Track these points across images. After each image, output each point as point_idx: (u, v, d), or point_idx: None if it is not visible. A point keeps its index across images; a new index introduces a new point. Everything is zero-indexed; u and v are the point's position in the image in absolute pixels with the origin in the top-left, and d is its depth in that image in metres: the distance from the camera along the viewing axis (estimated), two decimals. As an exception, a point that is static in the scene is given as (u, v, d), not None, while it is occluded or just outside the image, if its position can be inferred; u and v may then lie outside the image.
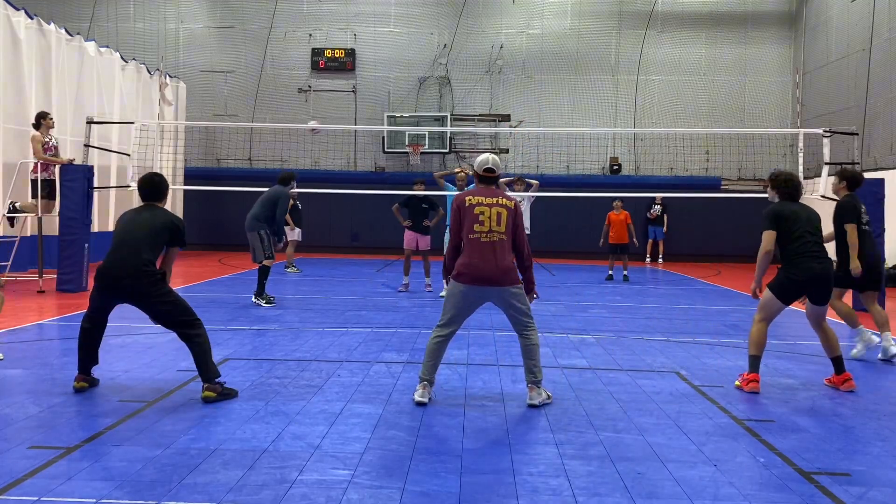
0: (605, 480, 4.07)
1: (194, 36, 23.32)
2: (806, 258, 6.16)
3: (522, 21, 23.05)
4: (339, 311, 10.32)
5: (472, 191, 5.82)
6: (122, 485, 3.82)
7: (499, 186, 6.38)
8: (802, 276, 6.12)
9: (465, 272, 5.65)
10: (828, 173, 12.96)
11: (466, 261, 5.65)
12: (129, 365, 6.63)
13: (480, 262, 5.60)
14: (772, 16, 22.87)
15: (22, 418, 4.94)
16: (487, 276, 5.60)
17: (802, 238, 6.20)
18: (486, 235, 5.62)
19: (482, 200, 5.68)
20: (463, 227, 5.69)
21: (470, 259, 5.63)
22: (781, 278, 6.23)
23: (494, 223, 5.63)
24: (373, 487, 3.89)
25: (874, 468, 4.36)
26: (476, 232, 5.63)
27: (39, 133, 12.21)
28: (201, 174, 21.65)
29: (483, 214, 5.63)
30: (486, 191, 5.78)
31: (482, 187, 5.83)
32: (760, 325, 6.30)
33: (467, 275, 5.64)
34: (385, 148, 22.44)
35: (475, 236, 5.63)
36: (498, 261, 5.60)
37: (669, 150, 21.55)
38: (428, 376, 5.68)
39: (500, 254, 5.61)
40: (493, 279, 5.61)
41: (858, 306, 11.57)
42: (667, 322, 10.11)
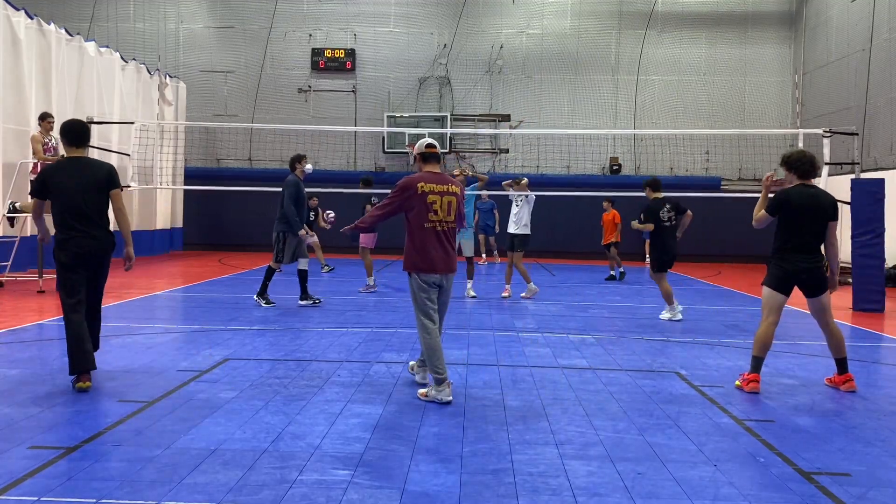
0: (605, 480, 4.07)
1: (194, 36, 23.32)
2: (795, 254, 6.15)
3: (522, 21, 23.06)
4: (339, 311, 10.32)
5: (422, 176, 5.70)
6: (122, 485, 3.82)
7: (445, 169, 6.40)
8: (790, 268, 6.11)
9: (428, 265, 5.65)
10: (828, 173, 12.97)
11: (427, 254, 5.63)
12: (129, 365, 6.63)
13: (439, 252, 5.66)
14: (772, 16, 22.88)
15: (22, 418, 4.94)
16: (449, 264, 5.74)
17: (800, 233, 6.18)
18: (439, 225, 5.66)
19: (434, 188, 5.63)
20: (410, 212, 5.64)
21: (428, 251, 5.63)
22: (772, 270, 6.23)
23: (445, 213, 5.65)
24: (373, 487, 3.89)
25: (874, 468, 4.36)
26: (431, 221, 5.62)
27: (39, 133, 12.22)
28: (201, 174, 21.66)
29: (435, 203, 5.61)
30: (436, 176, 5.73)
31: (429, 171, 5.75)
32: (767, 325, 6.20)
33: (433, 266, 5.65)
34: (385, 148, 22.45)
35: (430, 226, 5.63)
36: (449, 248, 5.75)
37: (669, 150, 21.58)
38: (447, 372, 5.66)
39: (450, 241, 5.75)
40: (451, 267, 5.78)
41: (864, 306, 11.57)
42: (667, 322, 10.11)
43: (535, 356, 7.47)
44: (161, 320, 9.74)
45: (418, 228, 5.63)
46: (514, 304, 11.56)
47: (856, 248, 11.82)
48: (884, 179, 12.12)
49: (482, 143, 23.26)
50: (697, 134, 21.03)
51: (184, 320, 9.77)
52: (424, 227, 5.62)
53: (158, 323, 9.33)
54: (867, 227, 11.73)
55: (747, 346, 8.22)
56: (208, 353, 7.24)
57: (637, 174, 22.76)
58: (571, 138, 21.61)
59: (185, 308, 10.99)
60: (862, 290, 11.69)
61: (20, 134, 13.57)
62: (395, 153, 22.53)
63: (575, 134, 21.37)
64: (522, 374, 6.63)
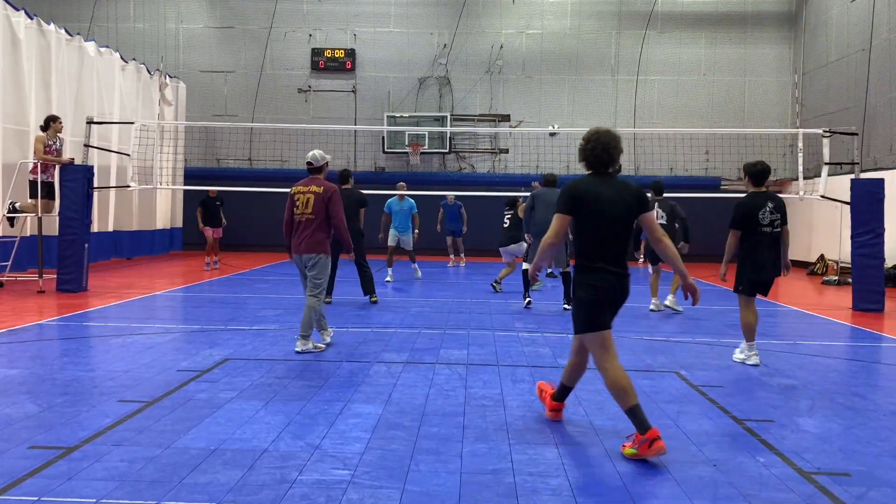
0: (605, 480, 4.07)
1: (194, 36, 23.32)
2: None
3: (522, 21, 23.05)
4: (340, 311, 10.32)
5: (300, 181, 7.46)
6: (122, 485, 3.82)
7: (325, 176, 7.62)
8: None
9: (292, 245, 7.41)
10: (827, 173, 12.97)
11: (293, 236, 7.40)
12: (129, 365, 6.63)
13: (298, 237, 7.34)
14: (772, 16, 22.88)
15: (22, 418, 4.94)
16: (302, 247, 7.32)
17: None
18: (300, 216, 7.35)
19: (300, 189, 7.39)
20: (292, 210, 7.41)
21: (294, 235, 7.40)
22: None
23: (304, 206, 7.32)
24: (373, 487, 3.89)
25: (874, 468, 4.36)
26: (297, 214, 7.36)
27: (46, 135, 12.22)
28: (201, 174, 21.66)
29: (299, 200, 7.36)
30: (307, 180, 7.45)
31: (306, 179, 7.47)
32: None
33: (294, 247, 7.39)
34: (385, 148, 22.45)
35: (297, 217, 7.36)
36: (307, 235, 7.28)
37: (669, 150, 21.58)
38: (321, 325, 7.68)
39: (308, 229, 7.29)
40: (305, 249, 7.30)
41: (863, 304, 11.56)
42: (667, 322, 10.11)
43: (535, 356, 7.47)
44: (161, 320, 9.74)
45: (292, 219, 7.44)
46: (513, 303, 11.55)
47: (856, 248, 11.81)
48: (883, 179, 12.11)
49: (482, 143, 23.26)
50: (697, 134, 21.03)
51: (184, 320, 9.77)
52: (294, 219, 7.40)
53: (158, 323, 9.33)
54: (867, 227, 11.72)
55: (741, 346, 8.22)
56: (208, 353, 7.24)
57: (637, 174, 22.76)
58: (572, 138, 21.61)
59: (185, 308, 10.99)
60: (862, 290, 11.69)
61: (20, 134, 13.57)
62: (395, 153, 22.53)
63: (575, 134, 21.34)
64: (522, 374, 6.63)
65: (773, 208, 7.12)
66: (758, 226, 7.07)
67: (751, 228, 7.08)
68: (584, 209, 4.58)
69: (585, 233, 4.62)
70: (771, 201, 7.13)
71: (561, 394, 5.19)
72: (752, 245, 7.09)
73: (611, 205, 4.58)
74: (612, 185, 4.66)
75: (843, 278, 16.07)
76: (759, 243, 7.06)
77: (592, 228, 4.60)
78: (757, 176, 7.23)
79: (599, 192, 4.60)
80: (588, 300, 4.62)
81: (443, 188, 18.90)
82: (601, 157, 4.69)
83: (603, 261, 4.59)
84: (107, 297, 11.47)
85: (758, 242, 7.06)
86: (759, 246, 7.05)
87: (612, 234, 4.59)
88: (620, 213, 4.59)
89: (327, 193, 7.29)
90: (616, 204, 4.59)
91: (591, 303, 4.61)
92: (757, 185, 7.25)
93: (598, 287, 4.59)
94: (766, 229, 7.07)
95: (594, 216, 4.57)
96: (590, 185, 4.66)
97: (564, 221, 4.65)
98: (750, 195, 7.21)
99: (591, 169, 4.76)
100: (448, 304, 11.49)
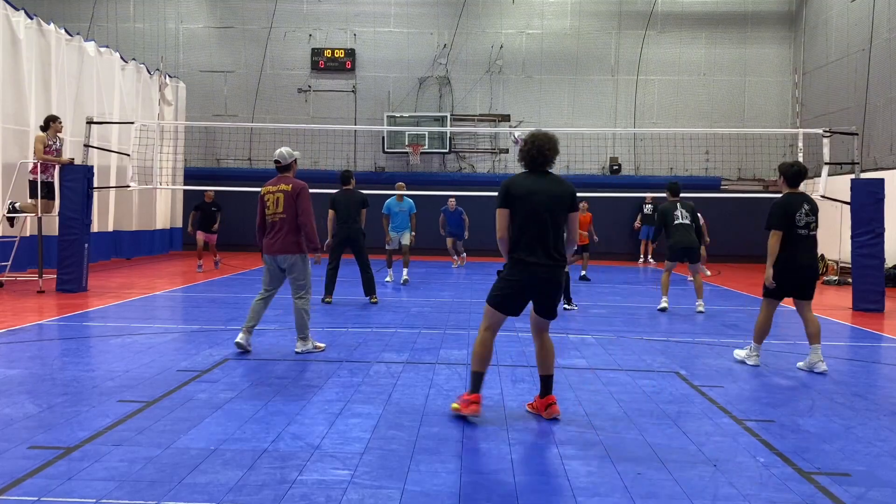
0: (605, 480, 4.07)
1: (194, 36, 23.32)
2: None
3: (522, 21, 23.05)
4: (340, 311, 10.32)
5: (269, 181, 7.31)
6: (122, 485, 3.82)
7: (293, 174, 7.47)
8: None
9: (265, 246, 7.25)
10: (828, 173, 12.97)
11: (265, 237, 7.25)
12: (129, 365, 6.63)
13: (271, 237, 7.18)
14: (772, 16, 22.88)
15: (22, 418, 4.94)
16: (276, 248, 7.16)
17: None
18: (272, 217, 7.19)
19: (269, 189, 7.26)
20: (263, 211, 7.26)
21: (266, 236, 7.24)
22: None
23: (274, 206, 7.18)
24: (373, 487, 3.89)
25: (874, 468, 4.36)
26: (268, 215, 7.22)
27: (45, 135, 12.22)
28: (201, 174, 21.66)
29: (269, 200, 7.22)
30: (275, 180, 7.30)
31: (274, 178, 7.33)
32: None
33: (266, 248, 7.23)
34: (385, 148, 22.44)
35: (268, 218, 7.22)
36: (281, 235, 7.13)
37: (669, 150, 21.57)
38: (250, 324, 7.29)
39: (282, 230, 7.13)
40: (279, 249, 7.15)
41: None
42: (667, 322, 10.11)
43: (535, 356, 7.46)
44: (161, 320, 9.74)
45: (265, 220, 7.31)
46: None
47: (855, 248, 11.81)
48: (883, 179, 12.12)
49: (482, 143, 23.26)
50: (697, 134, 21.03)
51: (184, 320, 9.76)
52: (266, 220, 7.27)
53: (158, 323, 9.33)
54: (867, 227, 11.73)
55: (748, 345, 8.22)
56: (208, 353, 7.24)
57: (637, 174, 22.77)
58: (571, 138, 21.61)
59: (185, 308, 10.99)
60: (862, 290, 11.69)
61: (20, 134, 13.57)
62: (395, 153, 22.53)
63: (574, 134, 21.37)
64: (522, 374, 6.62)
65: (809, 210, 6.88)
66: (794, 227, 6.84)
67: (788, 229, 6.85)
68: (517, 203, 5.01)
69: (515, 224, 5.04)
70: (807, 203, 6.89)
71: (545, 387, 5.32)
72: (786, 246, 6.87)
73: (541, 200, 4.99)
74: (546, 182, 5.09)
75: (843, 278, 16.07)
76: (795, 245, 6.85)
77: (521, 220, 5.01)
78: (793, 177, 7.02)
79: (532, 188, 5.03)
80: (502, 286, 5.14)
81: (443, 188, 18.89)
82: (537, 158, 5.14)
83: (525, 251, 5.01)
84: (107, 297, 11.47)
85: (794, 244, 6.85)
86: (795, 248, 6.84)
87: (540, 226, 4.98)
88: (550, 208, 5.00)
89: (296, 190, 7.18)
90: (547, 199, 5.00)
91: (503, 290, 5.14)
92: (792, 187, 7.04)
93: (511, 281, 5.08)
94: (802, 231, 6.86)
95: (525, 210, 4.99)
96: (524, 181, 5.10)
97: (504, 215, 5.07)
98: (786, 195, 6.99)
99: (528, 168, 5.20)
100: (448, 304, 11.49)
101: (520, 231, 5.01)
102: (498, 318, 5.22)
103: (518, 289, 5.08)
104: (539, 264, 4.98)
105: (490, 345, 5.23)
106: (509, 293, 5.11)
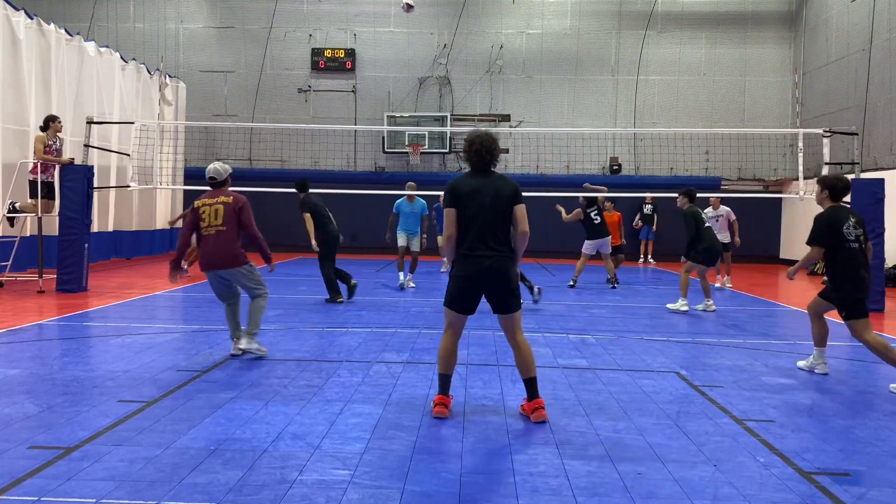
0: (605, 480, 4.07)
1: (194, 36, 23.32)
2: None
3: (522, 21, 23.06)
4: (339, 311, 10.32)
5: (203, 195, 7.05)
6: (122, 485, 3.82)
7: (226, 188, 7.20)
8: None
9: (203, 262, 6.94)
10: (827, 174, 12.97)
11: (201, 252, 6.94)
12: (129, 365, 6.63)
13: (209, 251, 6.85)
14: (772, 16, 22.88)
15: (22, 418, 4.94)
16: (217, 263, 6.88)
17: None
18: (208, 229, 6.88)
19: (206, 202, 6.96)
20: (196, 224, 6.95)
21: (203, 250, 6.92)
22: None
23: (213, 217, 6.88)
24: (373, 487, 3.89)
25: (874, 468, 4.36)
26: (204, 227, 6.89)
27: (46, 135, 12.22)
28: (201, 174, 21.56)
29: (206, 212, 6.91)
30: (212, 193, 7.07)
31: (210, 192, 7.09)
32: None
33: (205, 263, 6.92)
34: (385, 148, 22.45)
35: (204, 231, 6.90)
36: (219, 248, 6.84)
37: (669, 150, 21.58)
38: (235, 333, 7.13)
39: (219, 242, 6.84)
40: (220, 265, 6.87)
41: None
42: (667, 322, 10.11)
43: (535, 356, 7.45)
44: (161, 320, 9.74)
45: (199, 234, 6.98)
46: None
47: (856, 248, 11.80)
48: (884, 179, 12.11)
49: (482, 143, 23.24)
50: (697, 134, 21.03)
51: (184, 320, 9.76)
52: (200, 234, 6.94)
53: (158, 323, 9.33)
54: (867, 227, 11.71)
55: (747, 345, 8.24)
56: (208, 353, 7.24)
57: (637, 174, 22.77)
58: (571, 138, 21.62)
59: (185, 308, 10.99)
60: (862, 290, 11.67)
61: (20, 134, 13.57)
62: (395, 153, 22.53)
63: (575, 134, 21.38)
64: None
65: (856, 223, 6.50)
66: (845, 241, 6.42)
67: (840, 244, 6.43)
68: (463, 201, 5.13)
69: (462, 222, 5.15)
70: (852, 216, 6.54)
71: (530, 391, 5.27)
72: (845, 261, 6.42)
73: (486, 196, 5.11)
74: (490, 180, 5.19)
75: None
76: (853, 259, 6.41)
77: (468, 218, 5.13)
78: (841, 192, 6.66)
79: (476, 186, 5.15)
80: (452, 284, 5.25)
81: (443, 188, 18.87)
82: (484, 158, 5.22)
83: (469, 247, 5.13)
84: (107, 297, 11.47)
85: (852, 258, 6.42)
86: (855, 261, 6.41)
87: (486, 221, 5.10)
88: (495, 203, 5.11)
89: (238, 203, 6.94)
90: (492, 195, 5.12)
91: (453, 288, 5.23)
92: (835, 201, 6.65)
93: (459, 276, 5.19)
94: (854, 245, 6.45)
95: (471, 207, 5.11)
96: (470, 180, 5.21)
97: (452, 215, 5.18)
98: (829, 209, 6.60)
99: (473, 168, 5.28)
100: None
101: (466, 228, 5.13)
102: (454, 318, 5.28)
103: (466, 283, 5.17)
104: (483, 256, 5.10)
105: (452, 347, 5.29)
106: (460, 288, 5.19)
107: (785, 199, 21.41)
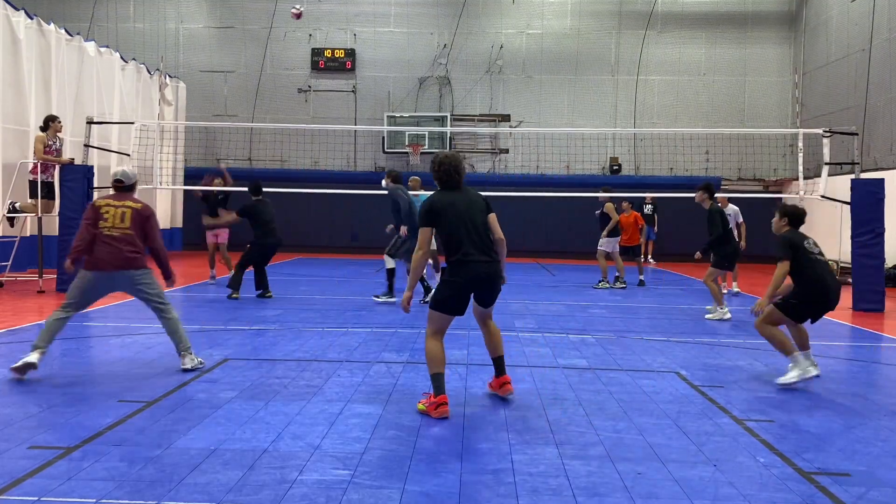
0: (605, 480, 4.07)
1: (194, 36, 23.32)
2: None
3: (522, 21, 23.06)
4: (339, 311, 10.32)
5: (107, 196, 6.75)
6: (122, 485, 3.82)
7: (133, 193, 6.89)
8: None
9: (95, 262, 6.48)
10: (828, 173, 12.97)
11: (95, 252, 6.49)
12: (129, 365, 6.63)
13: (106, 252, 6.46)
14: (772, 16, 22.88)
15: (22, 418, 4.94)
16: (120, 262, 6.48)
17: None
18: (111, 230, 6.50)
19: (111, 203, 6.62)
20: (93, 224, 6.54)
21: (99, 249, 6.48)
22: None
23: (118, 220, 6.54)
24: (373, 487, 3.89)
25: (874, 468, 4.36)
26: (105, 227, 6.52)
27: (46, 135, 12.22)
28: (201, 174, 21.61)
29: (109, 213, 6.55)
30: (118, 195, 6.74)
31: (115, 193, 6.78)
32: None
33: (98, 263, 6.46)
34: (385, 148, 22.45)
35: (106, 231, 6.51)
36: (120, 250, 6.48)
37: (669, 150, 21.57)
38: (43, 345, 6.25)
39: (121, 244, 6.48)
40: (123, 265, 6.50)
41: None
42: (667, 322, 10.11)
43: (535, 356, 7.47)
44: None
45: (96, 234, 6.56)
46: (513, 304, 11.55)
47: (856, 248, 11.82)
48: (884, 179, 12.12)
49: (482, 143, 23.27)
50: (697, 134, 21.03)
51: (184, 320, 9.73)
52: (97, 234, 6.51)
53: (158, 323, 9.30)
54: (867, 228, 11.73)
55: (747, 345, 8.24)
56: (208, 353, 7.24)
57: (637, 174, 22.77)
58: (571, 138, 21.62)
59: (185, 308, 10.98)
60: (862, 290, 11.69)
61: (20, 134, 13.57)
62: (395, 153, 22.53)
63: (575, 134, 21.38)
64: (522, 374, 6.62)
65: (814, 243, 6.61)
66: (808, 253, 6.48)
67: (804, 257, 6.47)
68: (441, 215, 5.43)
69: (446, 235, 5.44)
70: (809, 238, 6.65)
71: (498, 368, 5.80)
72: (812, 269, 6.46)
73: (462, 207, 5.47)
74: (461, 194, 5.57)
75: (843, 278, 16.05)
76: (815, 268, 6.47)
77: (449, 228, 5.42)
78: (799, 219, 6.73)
79: (451, 200, 5.50)
80: (446, 289, 5.45)
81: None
82: (453, 176, 5.56)
83: (463, 253, 5.38)
84: (107, 297, 11.44)
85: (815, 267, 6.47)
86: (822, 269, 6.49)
87: (467, 228, 5.41)
88: (470, 212, 5.48)
89: (146, 212, 6.68)
90: (466, 206, 5.49)
91: (448, 292, 5.44)
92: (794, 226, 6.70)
93: (455, 281, 5.41)
94: (819, 257, 6.55)
95: (450, 218, 5.42)
96: (444, 197, 5.54)
97: (427, 233, 5.48)
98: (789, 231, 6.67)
99: (443, 186, 5.60)
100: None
101: (450, 236, 5.42)
102: (445, 321, 5.50)
103: (462, 288, 5.43)
104: (479, 261, 5.39)
105: (441, 347, 5.48)
106: (455, 293, 5.43)
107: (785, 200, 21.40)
